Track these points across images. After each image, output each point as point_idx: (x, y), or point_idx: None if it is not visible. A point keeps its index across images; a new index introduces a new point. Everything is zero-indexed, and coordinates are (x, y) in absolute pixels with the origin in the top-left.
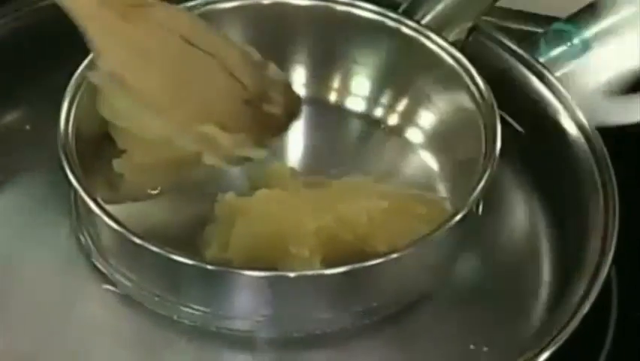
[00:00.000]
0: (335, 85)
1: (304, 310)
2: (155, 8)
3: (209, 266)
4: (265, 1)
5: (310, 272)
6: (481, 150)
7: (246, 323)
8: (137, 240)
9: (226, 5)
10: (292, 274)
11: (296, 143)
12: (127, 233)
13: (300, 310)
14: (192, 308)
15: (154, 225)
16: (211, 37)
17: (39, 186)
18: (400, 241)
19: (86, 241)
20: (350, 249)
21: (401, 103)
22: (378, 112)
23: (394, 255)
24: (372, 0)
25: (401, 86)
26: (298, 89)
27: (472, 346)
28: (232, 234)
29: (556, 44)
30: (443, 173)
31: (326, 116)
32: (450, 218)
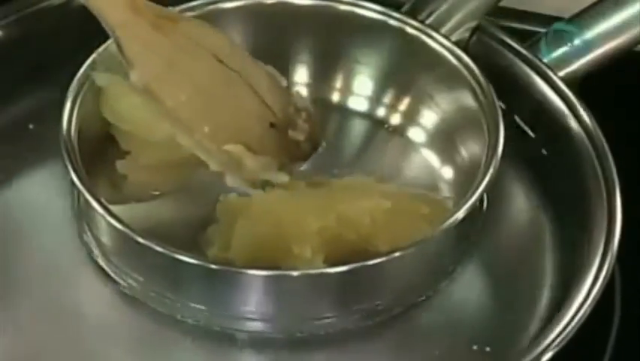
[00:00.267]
0: (338, 85)
1: (307, 309)
2: (186, 23)
3: (212, 265)
4: (268, 0)
5: (313, 271)
6: (483, 150)
7: (249, 323)
8: (141, 239)
9: (229, 5)
10: (295, 272)
11: None
12: (130, 233)
13: (303, 309)
14: (196, 308)
15: (157, 225)
16: (240, 57)
17: (42, 186)
18: (403, 241)
19: (90, 241)
20: (353, 249)
21: (404, 103)
22: (380, 112)
23: (397, 254)
24: (375, 0)
25: (404, 86)
26: (301, 89)
27: (475, 346)
28: (234, 234)
29: (557, 45)
30: (446, 172)
31: (328, 115)
32: (453, 218)
